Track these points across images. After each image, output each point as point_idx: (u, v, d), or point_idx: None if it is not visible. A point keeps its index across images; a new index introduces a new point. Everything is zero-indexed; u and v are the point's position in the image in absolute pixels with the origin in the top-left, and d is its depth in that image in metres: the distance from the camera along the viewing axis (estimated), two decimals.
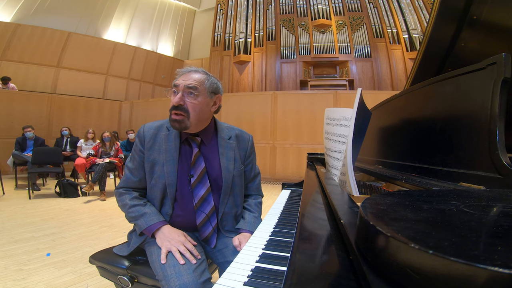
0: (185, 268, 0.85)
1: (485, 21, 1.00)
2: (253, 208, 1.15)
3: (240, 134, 1.15)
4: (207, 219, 1.02)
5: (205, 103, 1.00)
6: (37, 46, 7.74)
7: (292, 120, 5.82)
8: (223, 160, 1.06)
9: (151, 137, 1.03)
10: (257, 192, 1.22)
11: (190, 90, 0.96)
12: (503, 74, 0.54)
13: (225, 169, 1.05)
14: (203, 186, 1.02)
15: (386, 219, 0.26)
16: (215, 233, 1.04)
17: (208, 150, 1.06)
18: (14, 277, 1.68)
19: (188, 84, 0.96)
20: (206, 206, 1.02)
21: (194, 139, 1.04)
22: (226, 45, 9.04)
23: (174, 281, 0.82)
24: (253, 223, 1.07)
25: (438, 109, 0.76)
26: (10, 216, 3.02)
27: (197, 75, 0.99)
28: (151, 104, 7.60)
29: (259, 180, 1.23)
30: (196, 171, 1.01)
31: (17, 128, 5.69)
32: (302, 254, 0.39)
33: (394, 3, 8.05)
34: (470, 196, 0.38)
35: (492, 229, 0.23)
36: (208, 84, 1.00)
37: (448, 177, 0.64)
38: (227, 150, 1.08)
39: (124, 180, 1.06)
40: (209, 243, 1.03)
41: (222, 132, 1.10)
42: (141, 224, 0.97)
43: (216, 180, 1.05)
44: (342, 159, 0.85)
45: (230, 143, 1.09)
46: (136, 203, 1.00)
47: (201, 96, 0.98)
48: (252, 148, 1.18)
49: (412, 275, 0.19)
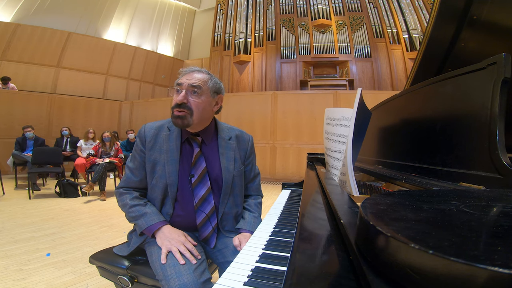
0: (185, 268, 0.85)
1: (485, 21, 1.00)
2: (253, 208, 1.15)
3: (240, 135, 1.15)
4: (207, 219, 1.02)
5: (208, 102, 1.01)
6: (37, 46, 7.74)
7: (292, 120, 5.82)
8: (223, 160, 1.06)
9: (152, 137, 1.04)
10: (257, 192, 1.22)
11: (194, 89, 0.97)
12: (503, 74, 0.54)
13: (225, 169, 1.05)
14: (204, 186, 1.02)
15: (386, 219, 0.26)
16: (215, 233, 1.04)
17: (209, 150, 1.07)
18: (14, 277, 1.68)
19: (192, 83, 0.97)
20: (206, 206, 1.02)
21: (195, 139, 1.05)
22: (226, 45, 9.04)
23: (174, 281, 0.82)
24: (253, 223, 1.07)
25: (438, 109, 0.76)
26: (10, 216, 3.02)
27: (201, 75, 1.00)
28: (151, 104, 7.60)
29: (259, 180, 1.23)
30: (197, 171, 1.02)
31: (17, 128, 5.69)
32: (302, 254, 0.39)
33: (394, 3, 8.05)
34: (470, 196, 0.38)
35: (492, 229, 0.23)
36: (211, 84, 1.01)
37: (448, 177, 0.64)
38: (227, 151, 1.08)
39: (125, 180, 1.06)
40: (209, 243, 1.03)
41: (223, 133, 1.11)
42: (141, 224, 0.97)
43: (217, 180, 1.05)
44: (342, 159, 0.85)
45: (231, 144, 1.10)
46: (137, 203, 1.00)
47: (204, 95, 0.99)
48: (252, 149, 1.19)
49: (412, 275, 0.19)
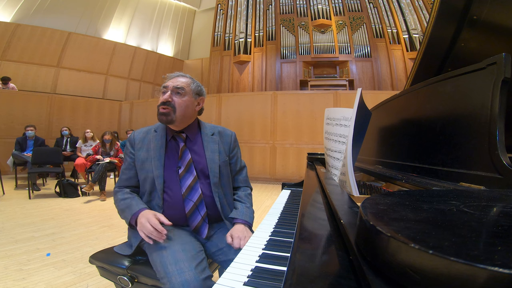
0: (186, 265, 0.87)
1: (485, 21, 1.00)
2: (244, 199, 1.22)
3: (223, 131, 1.26)
4: (195, 208, 1.07)
5: (190, 101, 1.12)
6: (37, 46, 7.73)
7: (292, 120, 5.82)
8: (208, 153, 1.16)
9: (141, 140, 1.15)
10: (245, 184, 1.30)
11: (177, 90, 1.09)
12: (503, 74, 0.54)
13: (210, 160, 1.14)
14: (190, 175, 1.09)
15: (386, 219, 0.26)
16: (206, 223, 1.08)
17: (193, 144, 1.16)
18: (14, 277, 1.68)
19: (176, 85, 1.09)
20: (194, 194, 1.07)
21: (180, 135, 1.14)
22: (226, 45, 9.04)
23: (176, 278, 0.83)
24: (245, 213, 1.14)
25: (438, 109, 0.76)
26: (10, 216, 3.02)
27: (184, 79, 1.12)
28: (151, 104, 7.58)
29: (245, 172, 1.32)
30: (183, 163, 1.10)
31: (17, 128, 5.69)
32: (302, 254, 0.39)
33: (394, 3, 8.05)
34: (470, 196, 0.37)
35: (492, 229, 0.23)
36: (194, 87, 1.13)
37: (448, 177, 0.64)
38: (211, 144, 1.18)
39: (118, 180, 1.17)
40: (200, 233, 1.07)
41: (205, 129, 1.21)
42: (127, 216, 1.04)
43: (203, 170, 1.13)
44: (342, 159, 0.85)
45: (213, 138, 1.20)
46: (125, 197, 1.09)
47: (187, 96, 1.11)
48: (236, 143, 1.28)
49: (412, 275, 0.19)
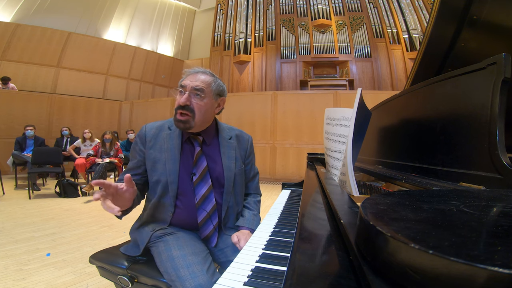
0: (199, 268, 0.85)
1: (485, 21, 1.00)
2: (252, 206, 1.18)
3: (240, 134, 1.18)
4: (208, 218, 1.02)
5: (210, 104, 1.02)
6: (37, 46, 7.73)
7: (292, 120, 5.82)
8: (225, 159, 1.08)
9: (153, 137, 1.05)
10: (256, 191, 1.26)
11: (197, 92, 0.98)
12: (503, 74, 0.54)
13: (227, 168, 1.07)
14: (205, 184, 1.02)
15: (386, 219, 0.26)
16: (216, 232, 1.04)
17: (210, 149, 1.08)
18: (14, 277, 1.68)
19: (195, 86, 0.98)
20: (208, 204, 1.02)
21: (196, 138, 1.06)
22: (226, 45, 9.04)
23: (190, 282, 0.81)
24: (252, 220, 1.10)
25: (438, 109, 0.76)
26: (10, 216, 3.02)
27: (204, 77, 1.01)
28: (151, 104, 7.59)
29: (257, 179, 1.26)
30: (198, 170, 1.02)
31: (17, 128, 5.68)
32: (302, 254, 0.39)
33: (394, 3, 8.05)
34: (470, 196, 0.37)
35: (492, 229, 0.23)
36: (215, 87, 1.02)
37: (448, 177, 0.64)
38: (228, 150, 1.10)
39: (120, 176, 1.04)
40: (210, 242, 1.03)
41: (223, 132, 1.13)
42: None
43: (218, 179, 1.06)
44: (342, 159, 0.85)
45: (231, 143, 1.12)
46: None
47: (207, 98, 1.00)
48: (252, 148, 1.21)
49: (412, 275, 0.19)
